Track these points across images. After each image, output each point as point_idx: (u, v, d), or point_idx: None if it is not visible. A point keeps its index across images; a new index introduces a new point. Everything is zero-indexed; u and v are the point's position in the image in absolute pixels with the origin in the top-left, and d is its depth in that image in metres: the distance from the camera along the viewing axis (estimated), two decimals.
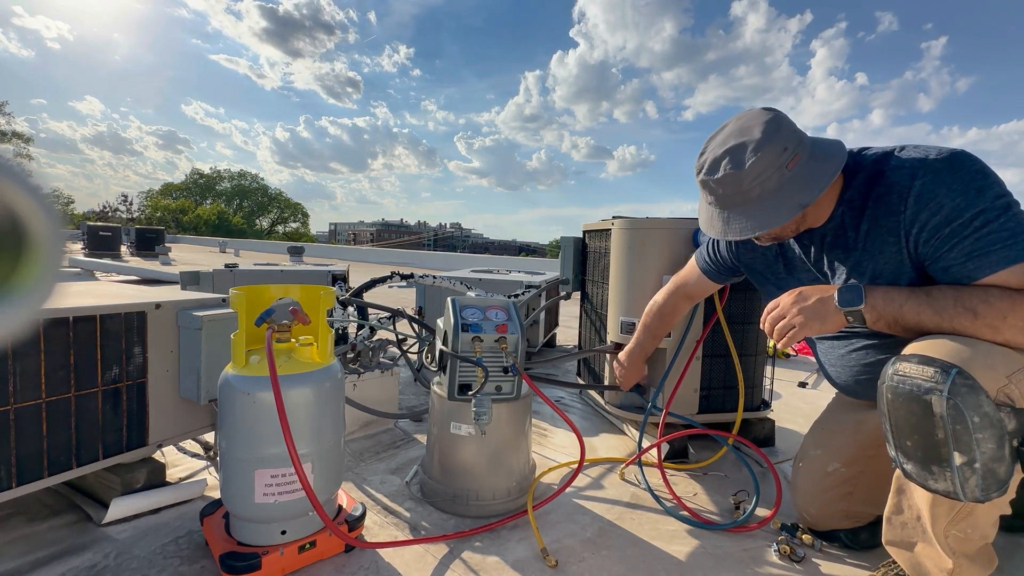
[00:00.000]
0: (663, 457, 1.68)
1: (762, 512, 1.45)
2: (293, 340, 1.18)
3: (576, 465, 1.45)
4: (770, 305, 1.12)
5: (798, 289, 1.09)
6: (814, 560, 1.25)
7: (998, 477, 0.83)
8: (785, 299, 1.09)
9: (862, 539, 1.28)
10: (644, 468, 1.66)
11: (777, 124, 1.03)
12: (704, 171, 1.09)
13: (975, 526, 0.93)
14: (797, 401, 2.61)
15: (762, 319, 1.13)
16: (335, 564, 1.16)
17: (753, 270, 1.39)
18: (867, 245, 1.07)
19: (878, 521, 1.10)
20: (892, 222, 1.01)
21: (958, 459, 0.83)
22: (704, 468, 1.73)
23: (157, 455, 1.42)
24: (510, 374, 1.37)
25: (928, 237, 0.97)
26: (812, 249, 1.18)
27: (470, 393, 1.33)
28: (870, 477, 1.24)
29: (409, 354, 2.72)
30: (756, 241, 1.23)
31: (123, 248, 13.42)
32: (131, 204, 51.09)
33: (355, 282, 2.87)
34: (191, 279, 2.77)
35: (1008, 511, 0.95)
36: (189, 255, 15.74)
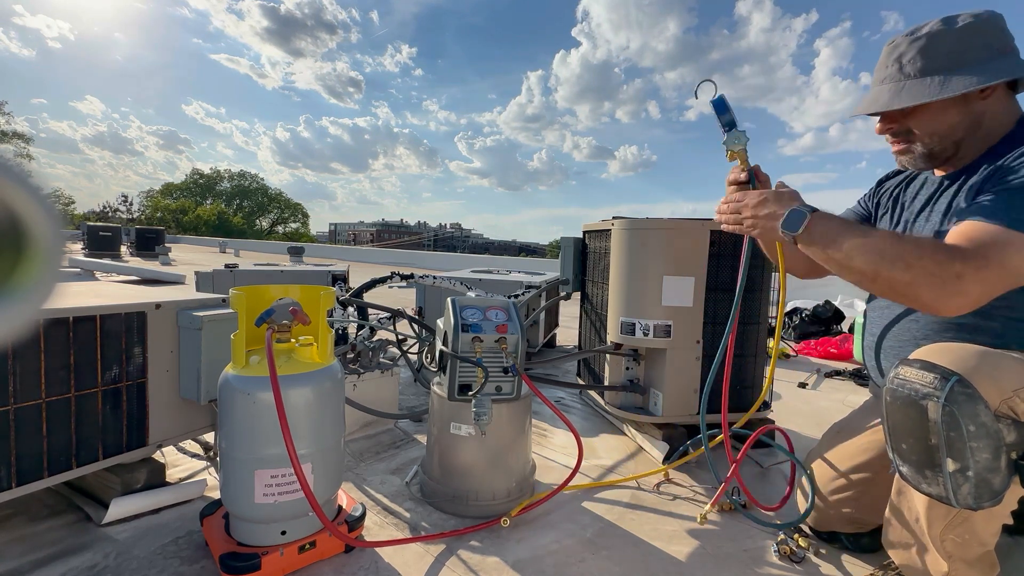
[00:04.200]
0: (663, 457, 1.68)
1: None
2: (293, 340, 1.18)
3: (575, 465, 1.45)
4: (738, 195, 1.14)
5: (763, 194, 1.10)
6: (814, 560, 1.25)
7: (992, 487, 0.83)
8: (750, 198, 1.12)
9: (863, 544, 1.27)
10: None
11: (999, 27, 1.01)
12: (903, 34, 1.06)
13: (972, 532, 0.93)
14: (797, 401, 2.62)
15: (720, 205, 1.17)
16: (335, 564, 1.16)
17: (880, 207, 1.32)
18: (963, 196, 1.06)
19: (880, 528, 1.10)
20: (985, 173, 1.01)
21: (951, 465, 0.83)
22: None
23: (157, 455, 1.42)
24: (510, 374, 1.37)
25: (988, 178, 0.99)
26: (938, 191, 1.13)
27: (470, 393, 1.33)
28: (878, 487, 1.22)
29: (409, 354, 2.72)
30: (902, 156, 1.15)
31: (123, 248, 13.43)
32: (131, 204, 51.21)
33: (355, 282, 2.87)
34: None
35: (1010, 520, 0.95)
36: (189, 255, 15.74)
